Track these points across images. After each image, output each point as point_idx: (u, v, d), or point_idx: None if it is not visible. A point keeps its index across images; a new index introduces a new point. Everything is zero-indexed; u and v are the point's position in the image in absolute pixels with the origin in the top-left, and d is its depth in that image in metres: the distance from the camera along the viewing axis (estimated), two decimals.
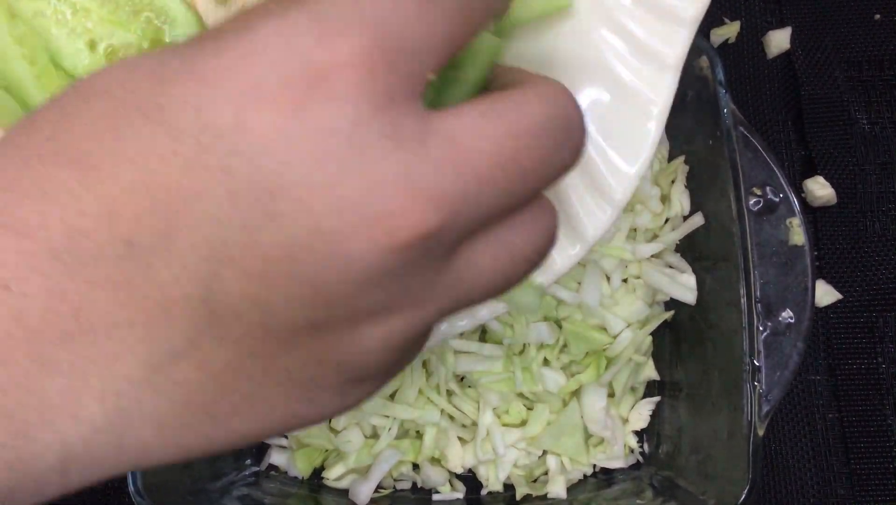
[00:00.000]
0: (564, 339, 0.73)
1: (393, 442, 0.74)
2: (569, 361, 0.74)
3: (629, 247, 0.74)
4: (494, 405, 0.73)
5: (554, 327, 0.73)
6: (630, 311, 0.74)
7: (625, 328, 0.74)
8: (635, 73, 0.54)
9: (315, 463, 0.77)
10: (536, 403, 0.74)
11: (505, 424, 0.74)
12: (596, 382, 0.73)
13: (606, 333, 0.73)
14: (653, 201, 0.76)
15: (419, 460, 0.76)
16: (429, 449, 0.74)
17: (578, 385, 0.73)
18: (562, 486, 0.74)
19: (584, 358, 0.74)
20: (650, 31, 0.53)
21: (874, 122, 0.91)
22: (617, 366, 0.73)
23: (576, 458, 0.74)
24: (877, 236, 0.87)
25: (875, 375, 0.83)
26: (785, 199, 0.69)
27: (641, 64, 0.54)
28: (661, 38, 0.54)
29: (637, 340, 0.73)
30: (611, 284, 0.74)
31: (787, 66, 0.93)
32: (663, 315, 0.75)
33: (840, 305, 0.85)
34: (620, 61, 0.53)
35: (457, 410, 0.74)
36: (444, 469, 0.76)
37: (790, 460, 0.81)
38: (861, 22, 0.94)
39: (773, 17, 0.95)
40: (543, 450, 0.75)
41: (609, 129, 0.52)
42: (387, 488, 0.77)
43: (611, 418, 0.73)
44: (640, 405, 0.76)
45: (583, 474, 0.77)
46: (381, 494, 0.76)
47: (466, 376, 0.74)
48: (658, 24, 0.53)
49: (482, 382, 0.72)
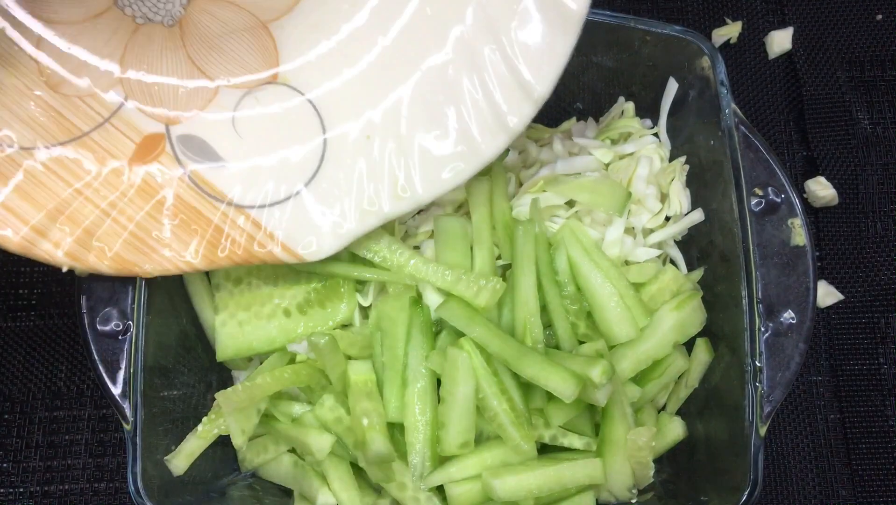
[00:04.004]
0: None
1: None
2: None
3: (628, 240, 0.75)
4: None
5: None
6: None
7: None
8: (479, 122, 0.65)
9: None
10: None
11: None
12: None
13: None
14: (650, 200, 0.76)
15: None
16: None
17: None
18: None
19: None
20: (504, 96, 0.64)
21: (876, 123, 0.91)
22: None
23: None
24: (878, 237, 0.87)
25: (877, 375, 0.83)
26: (786, 199, 0.69)
27: (486, 117, 0.65)
28: (510, 106, 0.64)
29: None
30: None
31: (789, 66, 0.93)
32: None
33: (842, 306, 0.85)
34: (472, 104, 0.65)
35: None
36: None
37: (792, 461, 0.81)
38: (863, 22, 0.94)
39: (774, 17, 0.96)
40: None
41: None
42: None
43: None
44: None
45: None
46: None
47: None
48: (513, 91, 0.64)
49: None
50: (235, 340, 0.73)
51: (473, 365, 0.68)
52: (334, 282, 0.73)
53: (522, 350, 0.68)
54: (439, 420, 0.69)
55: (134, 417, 0.65)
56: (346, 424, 0.70)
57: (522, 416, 0.69)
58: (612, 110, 0.83)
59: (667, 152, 0.80)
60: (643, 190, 0.77)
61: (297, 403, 0.73)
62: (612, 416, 0.70)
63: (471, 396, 0.68)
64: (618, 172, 0.78)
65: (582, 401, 0.68)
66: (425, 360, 0.70)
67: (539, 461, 0.69)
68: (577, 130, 0.83)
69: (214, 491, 0.72)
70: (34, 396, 0.85)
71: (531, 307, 0.70)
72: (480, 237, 0.73)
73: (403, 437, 0.69)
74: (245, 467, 0.75)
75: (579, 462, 0.69)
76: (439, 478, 0.69)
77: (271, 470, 0.74)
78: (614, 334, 0.71)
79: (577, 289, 0.73)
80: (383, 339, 0.71)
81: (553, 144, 0.80)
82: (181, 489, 0.68)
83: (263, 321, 0.73)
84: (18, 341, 0.86)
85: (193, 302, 0.75)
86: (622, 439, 0.70)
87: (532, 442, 0.68)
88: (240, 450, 0.74)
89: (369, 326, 0.73)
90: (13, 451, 0.83)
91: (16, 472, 0.83)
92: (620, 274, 0.73)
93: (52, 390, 0.85)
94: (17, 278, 0.88)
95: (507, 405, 0.68)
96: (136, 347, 0.66)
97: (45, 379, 0.85)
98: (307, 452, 0.70)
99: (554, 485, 0.68)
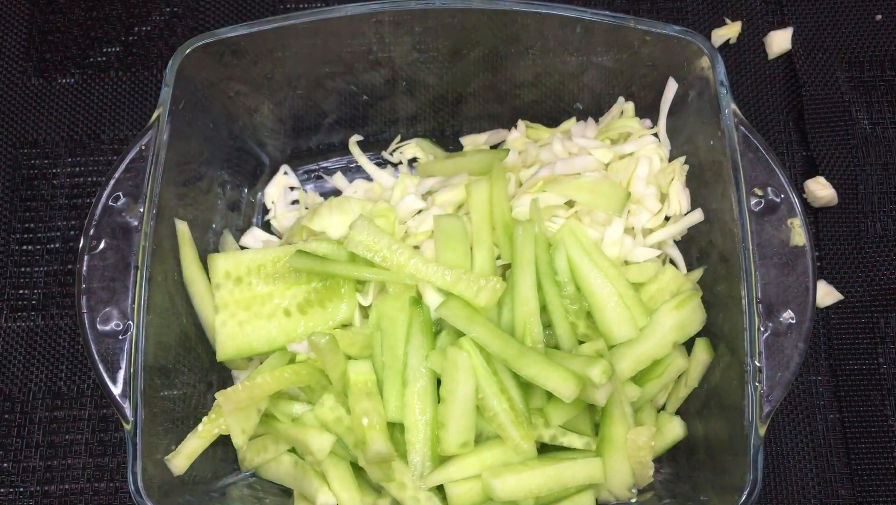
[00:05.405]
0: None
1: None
2: None
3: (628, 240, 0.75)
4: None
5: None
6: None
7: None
8: None
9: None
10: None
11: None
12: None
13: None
14: (650, 200, 0.77)
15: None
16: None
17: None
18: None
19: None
20: None
21: (875, 123, 0.91)
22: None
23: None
24: (878, 237, 0.87)
25: (876, 375, 0.83)
26: (786, 199, 0.69)
27: None
28: None
29: None
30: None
31: (789, 66, 0.93)
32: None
33: (841, 306, 0.85)
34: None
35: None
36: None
37: (791, 461, 0.81)
38: (862, 22, 0.94)
39: (774, 17, 0.95)
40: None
41: None
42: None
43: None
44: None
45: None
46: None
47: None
48: None
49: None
50: (235, 339, 0.73)
51: (473, 365, 0.68)
52: (334, 282, 0.73)
53: (522, 350, 0.68)
54: (439, 420, 0.69)
55: (134, 416, 0.65)
56: (346, 423, 0.70)
57: (522, 415, 0.69)
58: (611, 110, 0.83)
59: (666, 152, 0.80)
60: (643, 190, 0.77)
61: (297, 402, 0.73)
62: (611, 415, 0.70)
63: (471, 396, 0.68)
64: (617, 172, 0.78)
65: (581, 401, 0.68)
66: (425, 359, 0.70)
67: (539, 461, 0.69)
68: (577, 130, 0.83)
69: (214, 491, 0.72)
70: (34, 396, 0.85)
71: (531, 307, 0.70)
72: (480, 237, 0.73)
73: (403, 436, 0.69)
74: (245, 467, 0.75)
75: (579, 462, 0.69)
76: (439, 477, 0.69)
77: (271, 470, 0.74)
78: (614, 334, 0.71)
79: (576, 289, 0.73)
80: (383, 339, 0.71)
81: (553, 144, 0.80)
82: (181, 489, 0.68)
83: (263, 321, 0.73)
84: (19, 341, 0.86)
85: (193, 302, 0.75)
86: (622, 439, 0.70)
87: (532, 442, 0.68)
88: (240, 450, 0.74)
89: (369, 325, 0.73)
90: (13, 450, 0.83)
91: (16, 471, 0.83)
92: (620, 274, 0.73)
93: (52, 390, 0.85)
94: (18, 279, 0.88)
95: (507, 405, 0.68)
96: (136, 347, 0.66)
97: (45, 379, 0.85)
98: (307, 451, 0.71)
99: (554, 484, 0.68)
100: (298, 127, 0.87)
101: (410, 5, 0.74)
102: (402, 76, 0.83)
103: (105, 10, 0.96)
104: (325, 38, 0.77)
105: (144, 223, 0.68)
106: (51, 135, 0.92)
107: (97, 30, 0.96)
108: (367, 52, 0.79)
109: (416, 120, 0.88)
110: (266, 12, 0.96)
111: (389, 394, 0.70)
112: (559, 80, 0.83)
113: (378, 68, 0.81)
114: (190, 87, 0.74)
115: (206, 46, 0.74)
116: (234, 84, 0.79)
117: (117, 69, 0.94)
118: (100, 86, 0.94)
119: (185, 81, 0.73)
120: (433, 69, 0.82)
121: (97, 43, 0.95)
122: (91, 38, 0.95)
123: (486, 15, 0.75)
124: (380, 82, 0.83)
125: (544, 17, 0.75)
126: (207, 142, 0.79)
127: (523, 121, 0.86)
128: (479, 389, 0.68)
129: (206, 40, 0.74)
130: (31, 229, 0.90)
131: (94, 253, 0.68)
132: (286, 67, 0.79)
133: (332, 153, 0.90)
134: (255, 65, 0.78)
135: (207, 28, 0.95)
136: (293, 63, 0.79)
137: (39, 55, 0.95)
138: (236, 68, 0.77)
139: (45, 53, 0.95)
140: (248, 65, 0.77)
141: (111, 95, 0.94)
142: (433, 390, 0.70)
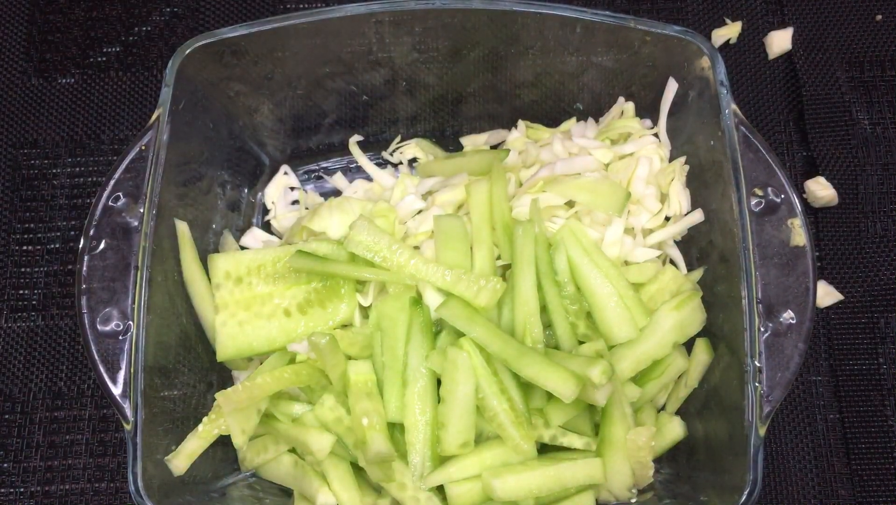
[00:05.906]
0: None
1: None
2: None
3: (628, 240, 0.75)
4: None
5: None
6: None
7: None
8: None
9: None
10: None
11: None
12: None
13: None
14: (650, 200, 0.77)
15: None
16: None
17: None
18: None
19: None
20: None
21: (876, 123, 0.91)
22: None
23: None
24: (878, 237, 0.87)
25: (876, 375, 0.83)
26: (786, 199, 0.68)
27: None
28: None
29: None
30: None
31: (789, 66, 0.93)
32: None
33: (841, 306, 0.85)
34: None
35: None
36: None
37: (791, 461, 0.81)
38: (862, 22, 0.94)
39: (774, 17, 0.95)
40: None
41: None
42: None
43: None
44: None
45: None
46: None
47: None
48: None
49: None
50: (236, 339, 0.73)
51: (473, 365, 0.68)
52: (334, 282, 0.73)
53: (522, 350, 0.68)
54: (439, 420, 0.69)
55: (134, 417, 0.65)
56: (346, 423, 0.70)
57: (522, 415, 0.69)
58: (611, 110, 0.83)
59: (666, 152, 0.80)
60: (643, 190, 0.77)
61: (297, 403, 0.73)
62: (611, 416, 0.70)
63: (471, 396, 0.68)
64: (617, 173, 0.78)
65: (581, 401, 0.68)
66: (425, 360, 0.70)
67: (539, 461, 0.69)
68: (577, 130, 0.83)
69: (214, 491, 0.72)
70: (35, 396, 0.85)
71: (531, 307, 0.70)
72: (480, 237, 0.73)
73: (403, 437, 0.69)
74: (245, 467, 0.75)
75: (579, 462, 0.69)
76: (439, 478, 0.69)
77: (271, 470, 0.74)
78: (614, 334, 0.71)
79: (576, 289, 0.73)
80: (383, 339, 0.71)
81: (553, 144, 0.80)
82: (181, 489, 0.68)
83: (263, 321, 0.73)
84: (19, 341, 0.86)
85: (193, 302, 0.75)
86: (622, 439, 0.70)
87: (532, 442, 0.68)
88: (240, 450, 0.74)
89: (369, 326, 0.73)
90: (14, 451, 0.83)
91: (16, 472, 0.83)
92: (620, 274, 0.73)
93: (52, 390, 0.85)
94: (18, 279, 0.88)
95: (506, 405, 0.68)
96: (136, 347, 0.66)
97: (45, 379, 0.85)
98: (307, 451, 0.71)
99: (554, 484, 0.68)
100: (298, 127, 0.87)
101: (410, 5, 0.74)
102: (402, 76, 0.83)
103: (105, 10, 0.97)
104: (325, 39, 0.77)
105: (144, 223, 0.68)
106: (51, 135, 0.92)
107: (97, 30, 0.96)
108: (367, 53, 0.79)
109: (416, 120, 0.88)
110: (266, 12, 0.96)
111: (389, 394, 0.70)
112: (559, 80, 0.83)
113: (378, 68, 0.82)
114: (190, 87, 0.74)
115: (206, 46, 0.74)
116: (234, 84, 0.79)
117: (117, 69, 0.94)
118: (100, 86, 0.94)
119: (185, 81, 0.73)
120: (433, 69, 0.82)
121: (97, 43, 0.95)
122: (91, 38, 0.96)
123: (486, 15, 0.75)
124: (380, 82, 0.83)
125: (544, 17, 0.75)
126: (207, 142, 0.79)
127: (523, 121, 0.86)
128: (479, 390, 0.68)
129: (206, 40, 0.74)
130: (31, 230, 0.90)
131: (94, 253, 0.68)
132: (286, 67, 0.79)
133: (332, 153, 0.90)
134: (255, 65, 0.78)
135: (207, 28, 0.95)
136: (293, 63, 0.79)
137: (39, 55, 0.95)
138: (236, 68, 0.77)
139: (45, 53, 0.95)
140: (248, 65, 0.78)
141: (111, 95, 0.94)
142: (433, 391, 0.70)
